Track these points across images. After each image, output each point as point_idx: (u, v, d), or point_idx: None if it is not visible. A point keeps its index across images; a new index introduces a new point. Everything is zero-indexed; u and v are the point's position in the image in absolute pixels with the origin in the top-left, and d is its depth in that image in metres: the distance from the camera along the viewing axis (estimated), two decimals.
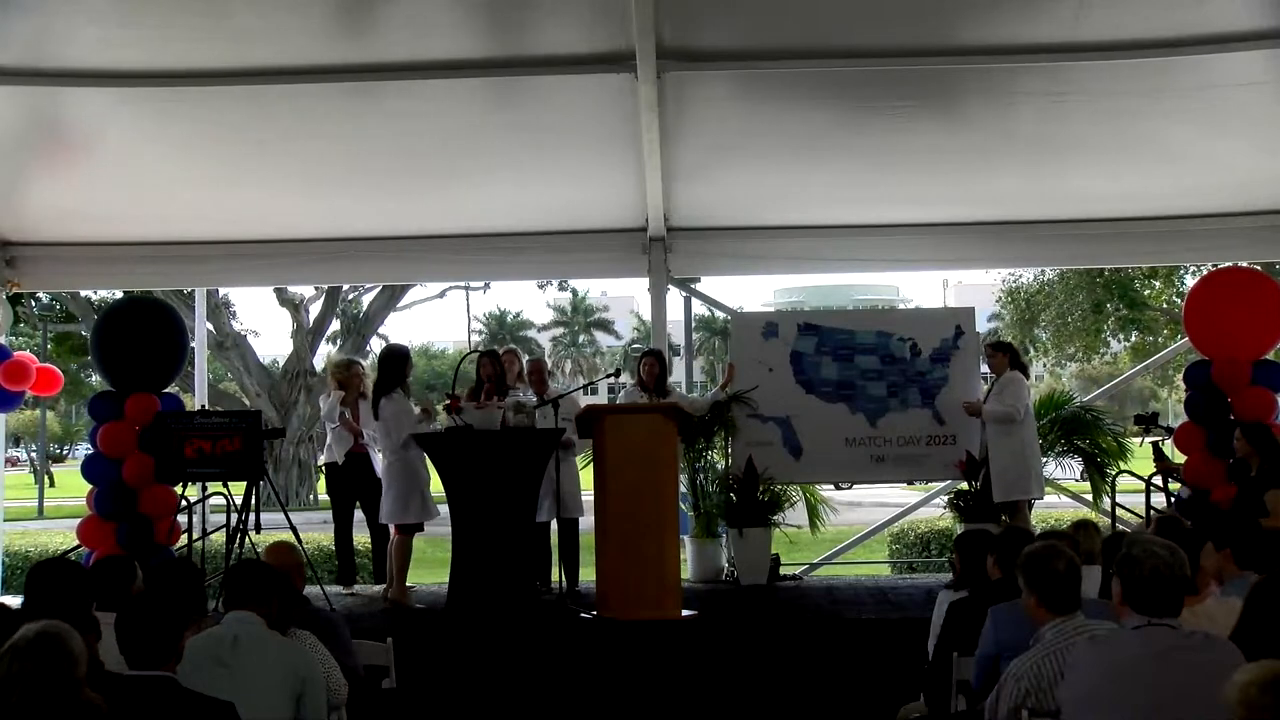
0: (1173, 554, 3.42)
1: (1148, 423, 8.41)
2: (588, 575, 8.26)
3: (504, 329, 62.40)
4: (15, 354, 9.31)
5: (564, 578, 8.34)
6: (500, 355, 8.80)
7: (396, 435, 7.84)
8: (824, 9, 6.98)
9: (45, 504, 26.40)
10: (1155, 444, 8.18)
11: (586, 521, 8.25)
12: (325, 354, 27.45)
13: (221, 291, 22.30)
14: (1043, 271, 21.83)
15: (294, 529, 8.06)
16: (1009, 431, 8.47)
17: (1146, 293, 21.83)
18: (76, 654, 2.96)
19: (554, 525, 8.53)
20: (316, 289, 25.11)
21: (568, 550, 8.47)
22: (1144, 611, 3.38)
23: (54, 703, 2.91)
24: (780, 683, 6.94)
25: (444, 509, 8.03)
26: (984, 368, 9.29)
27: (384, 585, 8.34)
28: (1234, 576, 4.70)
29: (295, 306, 25.77)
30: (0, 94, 7.36)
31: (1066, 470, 9.81)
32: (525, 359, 9.17)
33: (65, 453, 48.83)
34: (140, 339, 8.63)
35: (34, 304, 23.26)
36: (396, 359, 8.16)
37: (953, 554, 5.53)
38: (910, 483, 13.53)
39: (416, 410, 8.29)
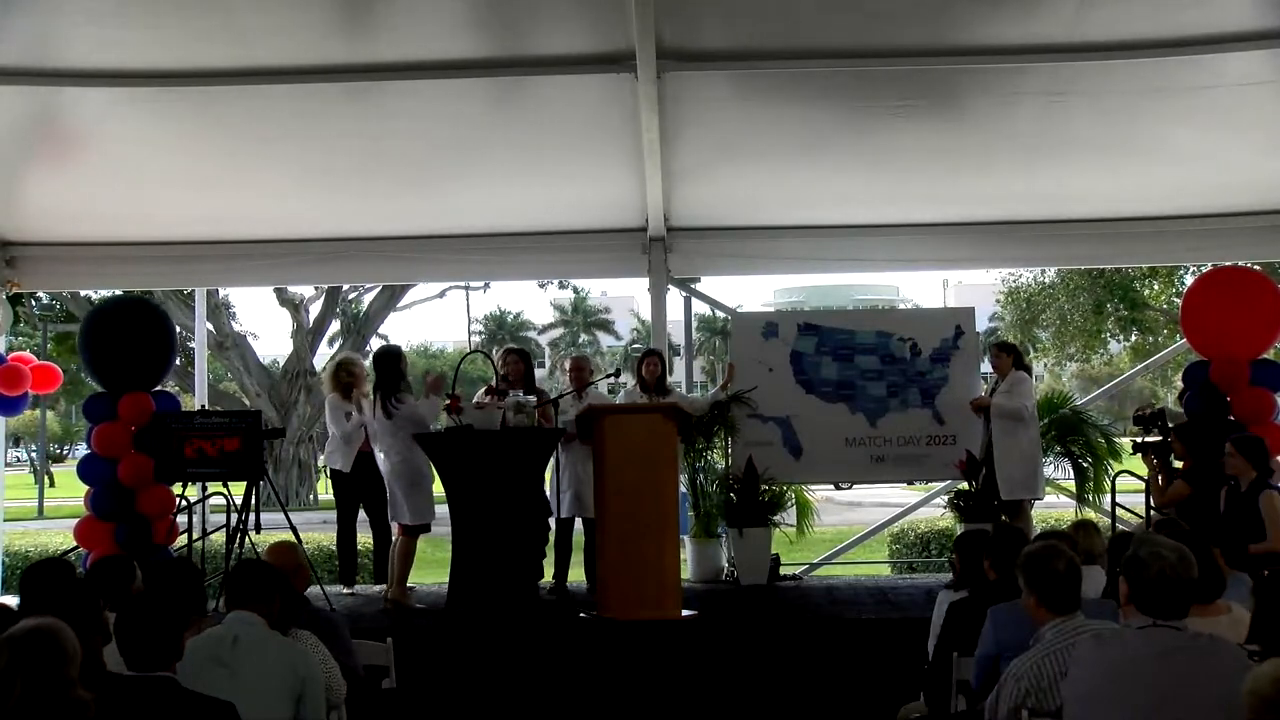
0: (1181, 557, 3.41)
1: (1147, 423, 8.36)
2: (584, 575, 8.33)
3: (504, 329, 62.40)
4: (10, 359, 9.31)
5: (586, 578, 8.39)
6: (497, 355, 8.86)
7: (414, 431, 7.83)
8: (824, 9, 6.98)
9: (45, 504, 26.37)
10: (1150, 445, 8.13)
11: None
12: (325, 355, 27.47)
13: (221, 291, 22.29)
14: (1043, 271, 21.83)
15: (294, 529, 8.06)
16: (1016, 430, 8.46)
17: (1146, 293, 21.83)
18: (70, 652, 2.95)
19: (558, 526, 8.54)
20: (316, 289, 25.10)
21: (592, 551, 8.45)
22: (1150, 613, 3.37)
23: (45, 699, 2.90)
24: (780, 683, 6.94)
25: (443, 509, 8.04)
26: (985, 367, 9.28)
27: (384, 585, 8.34)
28: (1226, 576, 4.72)
29: (295, 306, 25.75)
30: (0, 94, 7.36)
31: (1065, 471, 9.81)
32: (570, 357, 9.28)
33: (65, 453, 48.79)
34: (127, 339, 8.56)
35: (34, 304, 23.24)
36: (393, 358, 8.16)
37: (952, 554, 5.53)
38: (910, 483, 13.53)
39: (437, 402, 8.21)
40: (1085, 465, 9.42)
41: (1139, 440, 8.17)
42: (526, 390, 8.33)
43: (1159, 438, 8.18)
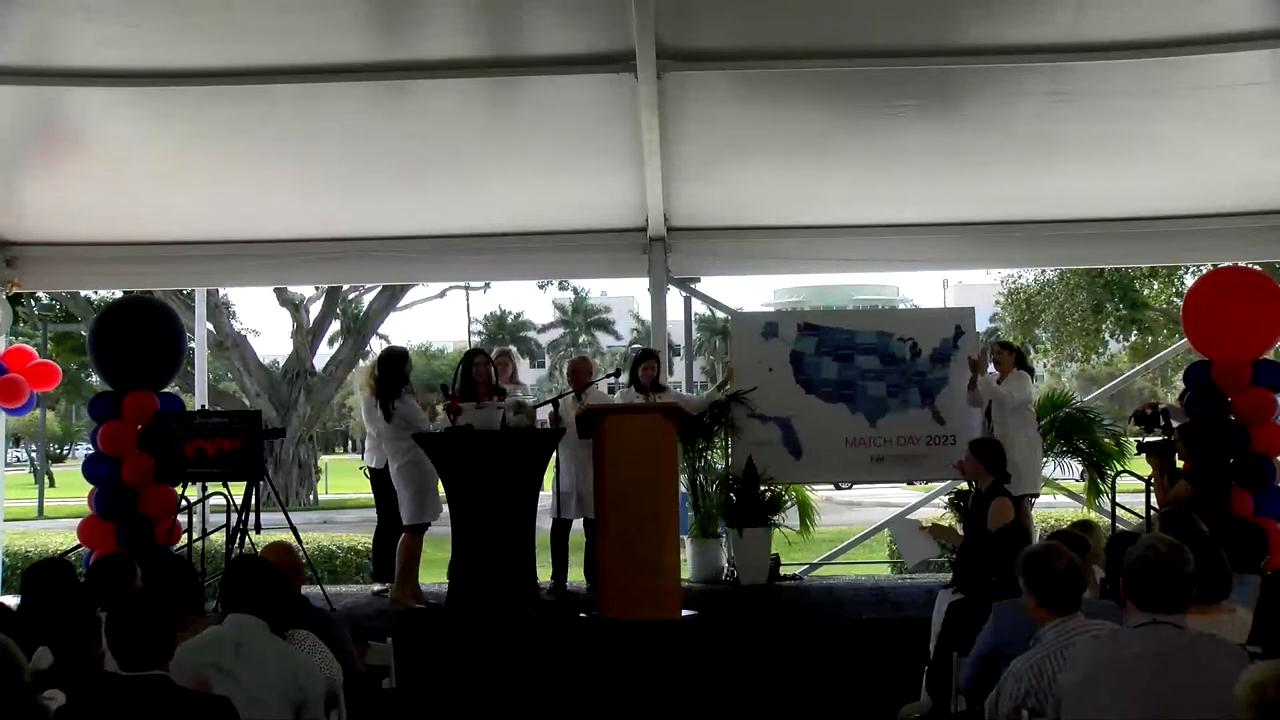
0: (1173, 549, 3.39)
1: (1149, 422, 8.35)
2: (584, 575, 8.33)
3: (504, 329, 62.42)
4: (9, 351, 9.32)
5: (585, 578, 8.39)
6: (495, 355, 8.79)
7: (409, 433, 7.81)
8: (824, 9, 6.98)
9: (45, 504, 26.37)
10: (1153, 445, 8.11)
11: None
12: (325, 355, 27.47)
13: (221, 291, 22.29)
14: (1043, 271, 21.83)
15: (294, 529, 8.07)
16: (1015, 428, 8.43)
17: (1146, 293, 21.83)
18: (20, 662, 2.96)
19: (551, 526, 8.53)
20: (316, 289, 25.09)
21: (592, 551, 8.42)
22: (1145, 606, 3.36)
23: (6, 709, 2.92)
24: (780, 683, 6.93)
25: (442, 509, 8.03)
26: (988, 367, 9.28)
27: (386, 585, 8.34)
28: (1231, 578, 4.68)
29: (295, 306, 25.74)
30: (0, 94, 7.36)
31: (1066, 470, 9.80)
32: (570, 359, 9.27)
33: (65, 453, 48.80)
34: (138, 338, 8.62)
35: (34, 304, 23.24)
36: (397, 360, 8.15)
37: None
38: (910, 483, 13.52)
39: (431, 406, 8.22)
40: (1098, 463, 9.42)
41: (1143, 440, 8.16)
42: (498, 384, 8.26)
43: (1161, 437, 8.18)
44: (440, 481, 7.91)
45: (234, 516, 8.18)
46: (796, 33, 7.12)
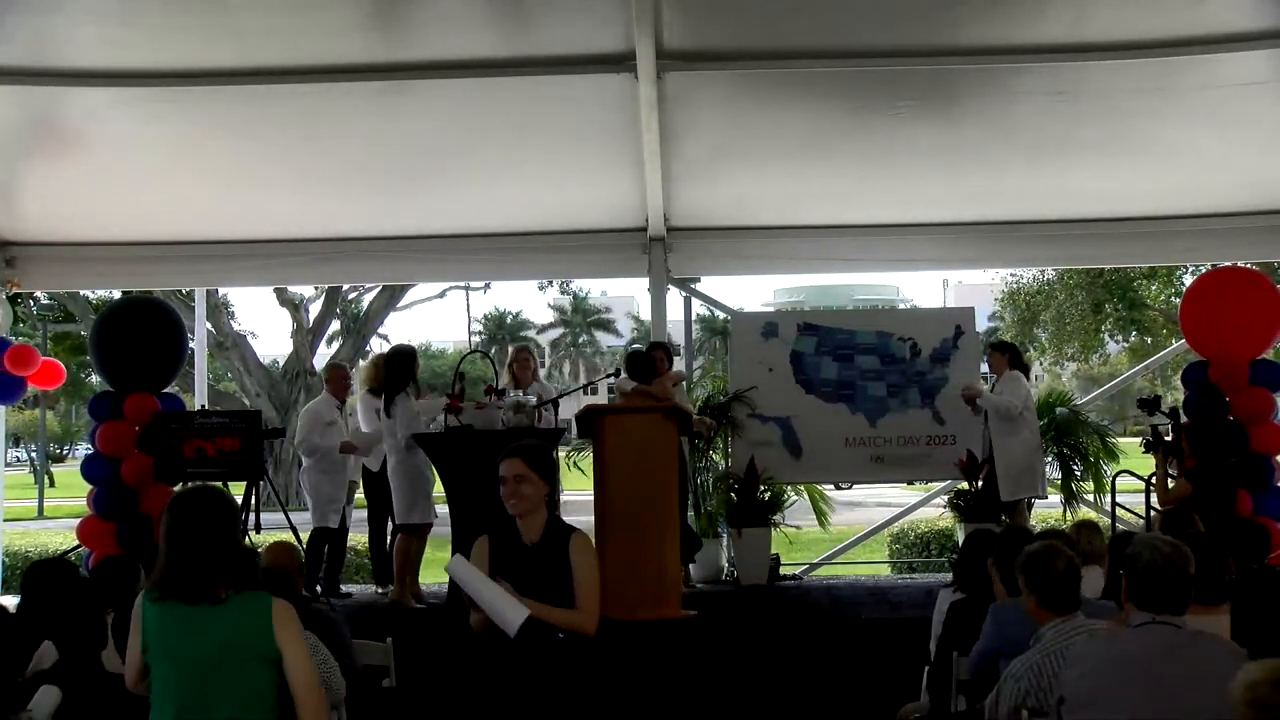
0: (1175, 550, 3.40)
1: (1151, 407, 8.35)
2: None
3: (504, 329, 62.42)
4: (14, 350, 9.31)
5: None
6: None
7: (404, 434, 7.82)
8: (824, 9, 6.99)
9: (45, 504, 26.35)
10: (1159, 443, 8.11)
11: None
12: (325, 355, 27.48)
13: (221, 291, 22.29)
14: (1043, 271, 21.84)
15: (294, 529, 8.06)
16: (1015, 430, 8.45)
17: (1145, 293, 21.85)
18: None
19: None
20: (316, 289, 25.08)
21: None
22: (1146, 607, 3.36)
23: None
24: (780, 683, 6.93)
25: (443, 509, 8.03)
26: (984, 367, 9.29)
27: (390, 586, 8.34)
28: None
29: (295, 306, 25.72)
30: (0, 94, 7.36)
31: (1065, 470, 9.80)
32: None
33: (65, 453, 48.77)
34: (139, 339, 8.63)
35: (34, 304, 23.23)
36: (405, 358, 8.15)
37: (952, 554, 5.54)
38: (910, 483, 13.54)
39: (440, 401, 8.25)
40: (1074, 467, 9.44)
41: (1148, 439, 8.15)
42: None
43: (1164, 422, 8.18)
44: (435, 483, 7.91)
45: None
46: (796, 33, 7.13)
